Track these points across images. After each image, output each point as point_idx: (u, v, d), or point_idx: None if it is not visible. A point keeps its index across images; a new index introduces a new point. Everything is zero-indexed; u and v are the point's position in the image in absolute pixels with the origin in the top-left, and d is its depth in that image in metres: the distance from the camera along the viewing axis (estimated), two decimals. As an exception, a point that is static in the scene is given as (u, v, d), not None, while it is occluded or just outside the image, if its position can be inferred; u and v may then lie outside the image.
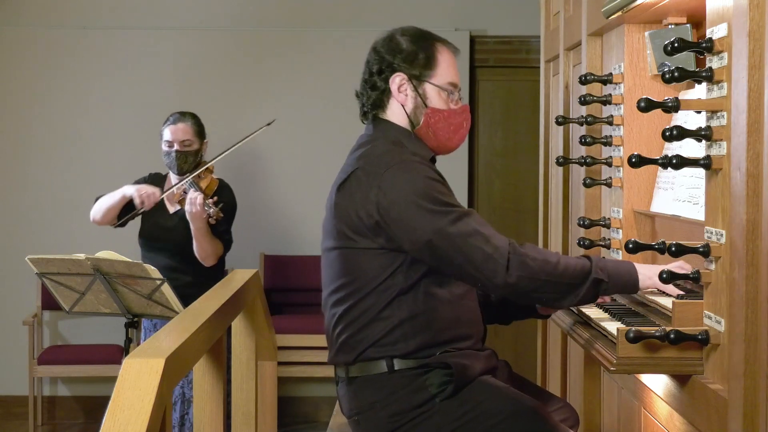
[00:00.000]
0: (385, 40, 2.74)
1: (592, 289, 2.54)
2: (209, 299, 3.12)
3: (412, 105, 2.69)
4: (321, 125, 6.17)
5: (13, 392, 6.14)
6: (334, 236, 2.64)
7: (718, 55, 2.24)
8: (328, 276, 2.70)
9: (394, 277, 2.58)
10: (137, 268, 3.84)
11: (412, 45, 2.70)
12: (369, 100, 2.73)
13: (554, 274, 2.51)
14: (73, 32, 6.16)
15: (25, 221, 6.15)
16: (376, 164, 2.58)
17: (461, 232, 2.50)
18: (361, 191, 2.57)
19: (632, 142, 3.09)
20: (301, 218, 6.14)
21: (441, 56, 2.71)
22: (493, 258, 2.48)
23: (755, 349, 2.11)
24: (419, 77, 2.69)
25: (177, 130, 4.44)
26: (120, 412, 1.99)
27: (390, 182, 2.54)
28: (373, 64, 2.72)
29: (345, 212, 2.60)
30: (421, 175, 2.56)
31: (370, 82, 2.73)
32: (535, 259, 2.51)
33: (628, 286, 2.58)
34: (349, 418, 2.71)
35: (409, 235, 2.52)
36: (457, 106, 2.73)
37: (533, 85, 5.01)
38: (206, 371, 3.24)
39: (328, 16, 6.25)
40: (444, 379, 2.59)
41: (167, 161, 4.45)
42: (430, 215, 2.51)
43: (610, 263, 2.60)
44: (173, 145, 4.42)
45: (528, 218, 6.19)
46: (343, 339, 2.65)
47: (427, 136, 2.71)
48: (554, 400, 2.91)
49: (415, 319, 2.60)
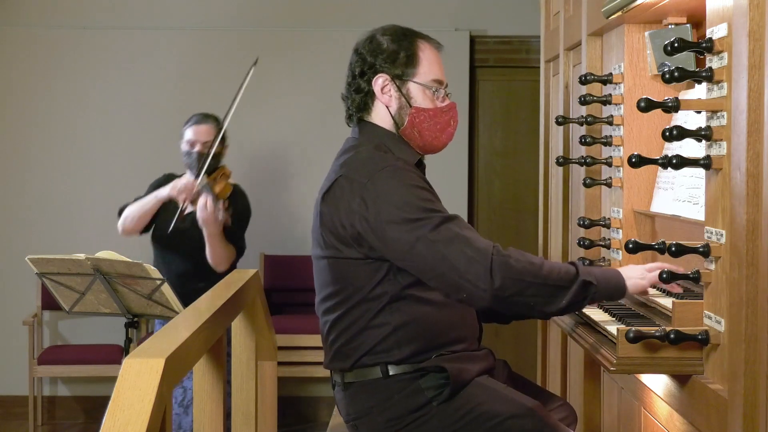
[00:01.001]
0: (366, 41, 2.70)
1: (580, 292, 2.46)
2: (209, 299, 3.12)
3: (397, 105, 2.66)
4: (321, 125, 6.17)
5: (13, 392, 6.14)
6: (321, 245, 2.62)
7: (718, 55, 2.24)
8: (319, 283, 2.68)
9: (382, 285, 2.56)
10: (137, 268, 3.84)
11: (392, 44, 2.66)
12: (354, 104, 2.70)
13: (539, 276, 2.44)
14: (73, 32, 6.16)
15: (25, 221, 6.15)
16: (359, 172, 2.55)
17: (443, 237, 2.45)
18: (344, 201, 2.54)
19: (632, 142, 3.09)
20: (301, 218, 6.14)
21: (423, 53, 2.67)
22: (476, 261, 2.42)
23: (755, 349, 2.11)
24: (402, 76, 2.65)
25: (199, 131, 4.40)
26: (120, 412, 1.99)
27: (372, 193, 2.50)
28: (356, 66, 2.70)
29: (330, 221, 2.57)
30: (403, 182, 2.51)
31: (354, 84, 2.70)
32: (519, 261, 2.44)
33: (617, 290, 2.52)
34: (347, 423, 2.70)
35: (391, 246, 2.49)
36: (444, 103, 2.69)
37: (533, 85, 5.01)
38: (206, 371, 3.24)
39: (328, 16, 6.25)
40: (440, 383, 2.57)
41: (187, 161, 4.39)
42: (411, 224, 2.47)
43: (596, 269, 2.55)
44: (195, 146, 4.38)
45: (528, 218, 6.19)
46: (337, 347, 2.64)
47: (412, 136, 2.67)
48: (552, 399, 2.91)
49: (408, 326, 2.57)
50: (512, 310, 2.66)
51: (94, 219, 6.13)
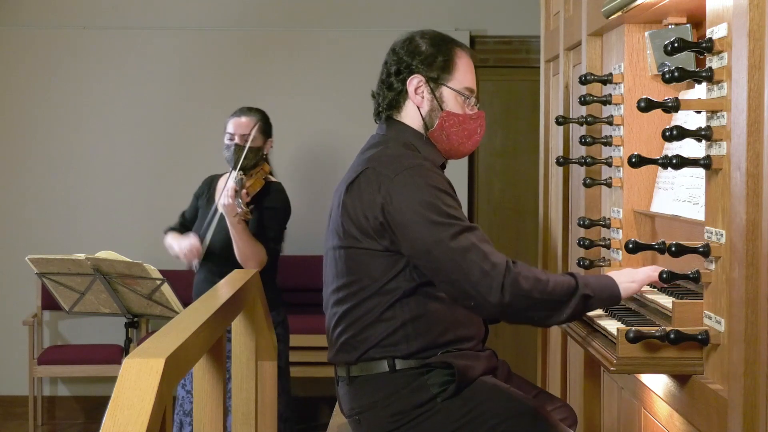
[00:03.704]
0: (404, 41, 2.74)
1: (580, 305, 2.51)
2: (209, 299, 3.12)
3: (428, 107, 2.70)
4: (321, 125, 6.17)
5: (13, 392, 6.14)
6: (340, 235, 2.64)
7: (718, 55, 2.24)
8: (331, 274, 2.70)
9: (397, 279, 2.58)
10: (137, 268, 3.84)
11: (431, 47, 2.70)
12: (385, 101, 2.74)
13: (545, 292, 2.49)
14: (73, 32, 6.17)
15: (25, 221, 6.15)
16: (387, 167, 2.58)
17: (461, 246, 2.48)
18: (369, 192, 2.57)
19: (632, 142, 3.09)
20: (301, 218, 6.13)
21: (460, 61, 2.71)
22: (490, 275, 2.46)
23: (755, 349, 2.11)
24: (437, 80, 2.69)
25: (239, 123, 4.29)
26: (120, 412, 1.99)
27: (398, 188, 2.53)
28: (392, 64, 2.73)
29: (353, 212, 2.60)
30: (429, 183, 2.55)
31: (387, 82, 2.73)
32: (528, 278, 2.48)
33: (612, 299, 2.58)
34: (349, 417, 2.71)
35: (410, 243, 2.52)
36: (473, 111, 2.73)
37: (533, 85, 5.01)
38: (206, 371, 3.24)
39: (328, 16, 6.25)
40: (445, 379, 2.59)
41: (226, 155, 4.28)
42: (432, 226, 2.50)
43: (592, 278, 2.59)
44: (234, 138, 4.30)
45: (528, 218, 6.20)
46: (344, 339, 2.66)
47: (440, 139, 2.71)
48: (553, 400, 2.92)
49: (418, 321, 2.60)
50: (515, 322, 2.71)
51: (94, 219, 6.14)
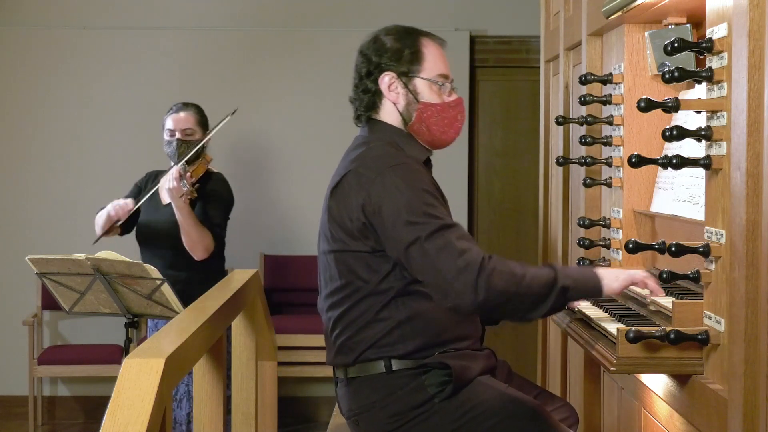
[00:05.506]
0: (369, 42, 2.74)
1: (559, 298, 2.49)
2: (209, 299, 3.12)
3: (404, 102, 2.70)
4: (321, 125, 6.17)
5: (13, 392, 6.14)
6: (329, 239, 2.65)
7: (718, 55, 2.25)
8: (325, 279, 2.70)
9: (388, 279, 2.58)
10: (137, 268, 3.84)
11: (396, 42, 2.70)
12: (362, 104, 2.74)
13: (522, 287, 2.46)
14: (73, 32, 6.17)
15: (25, 221, 6.15)
16: (368, 168, 2.58)
17: (435, 245, 2.47)
18: (353, 195, 2.57)
19: (632, 142, 3.09)
20: (301, 218, 6.15)
21: (427, 49, 2.71)
22: (464, 273, 2.44)
23: (755, 349, 2.11)
24: (408, 73, 2.69)
25: (179, 119, 4.40)
26: (120, 412, 1.99)
27: (378, 189, 2.54)
28: (362, 67, 2.74)
29: (338, 215, 2.61)
30: (410, 183, 2.54)
31: (361, 85, 2.74)
32: (502, 274, 2.45)
33: (594, 291, 2.53)
34: (348, 419, 2.72)
35: (390, 243, 2.53)
36: (451, 97, 2.74)
37: (533, 85, 5.01)
38: (206, 371, 3.24)
39: (328, 16, 6.25)
40: (443, 379, 2.59)
41: (168, 150, 4.38)
42: (409, 226, 2.49)
43: (574, 270, 2.58)
44: (174, 134, 4.38)
45: (528, 218, 6.20)
46: (341, 341, 2.66)
47: (420, 132, 2.70)
48: (553, 399, 2.92)
49: (413, 321, 2.60)
50: (496, 318, 2.72)
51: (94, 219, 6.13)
